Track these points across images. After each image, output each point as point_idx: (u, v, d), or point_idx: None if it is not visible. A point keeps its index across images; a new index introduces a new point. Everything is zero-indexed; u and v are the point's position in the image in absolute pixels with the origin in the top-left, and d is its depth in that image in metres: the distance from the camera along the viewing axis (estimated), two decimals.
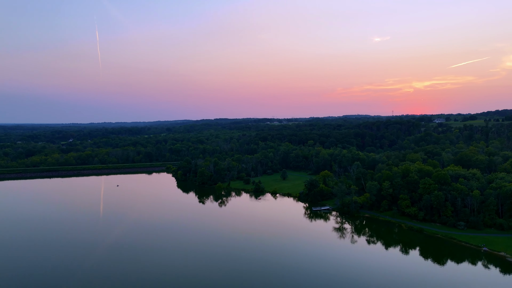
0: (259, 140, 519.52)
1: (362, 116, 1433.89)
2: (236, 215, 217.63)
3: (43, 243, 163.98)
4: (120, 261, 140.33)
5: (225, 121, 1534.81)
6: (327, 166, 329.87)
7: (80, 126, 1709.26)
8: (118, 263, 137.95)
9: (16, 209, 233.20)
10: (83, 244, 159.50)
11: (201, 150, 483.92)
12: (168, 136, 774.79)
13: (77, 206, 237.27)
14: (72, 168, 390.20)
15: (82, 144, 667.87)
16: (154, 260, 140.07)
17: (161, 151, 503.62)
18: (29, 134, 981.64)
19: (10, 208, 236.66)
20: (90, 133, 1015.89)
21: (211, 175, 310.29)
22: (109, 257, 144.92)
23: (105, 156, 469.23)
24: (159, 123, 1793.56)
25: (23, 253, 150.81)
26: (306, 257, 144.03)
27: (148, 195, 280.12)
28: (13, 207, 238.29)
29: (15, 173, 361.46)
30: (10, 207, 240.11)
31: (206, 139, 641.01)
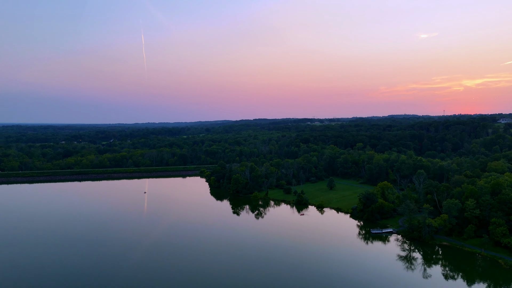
0: (300, 142, 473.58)
1: (410, 116, 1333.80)
2: (274, 230, 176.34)
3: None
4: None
5: (264, 121, 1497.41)
6: (382, 174, 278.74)
7: (124, 126, 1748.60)
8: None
9: (30, 216, 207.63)
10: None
11: (237, 153, 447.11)
12: (205, 137, 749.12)
13: (93, 217, 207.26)
14: (103, 171, 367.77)
15: (121, 144, 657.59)
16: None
17: (197, 153, 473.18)
18: (75, 134, 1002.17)
19: (18, 213, 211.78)
20: (131, 133, 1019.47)
21: (246, 182, 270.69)
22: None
23: (139, 158, 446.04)
24: (199, 124, 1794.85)
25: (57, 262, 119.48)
26: None
27: (176, 204, 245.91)
28: (26, 214, 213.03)
29: (44, 175, 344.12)
30: (21, 212, 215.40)
31: (244, 140, 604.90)
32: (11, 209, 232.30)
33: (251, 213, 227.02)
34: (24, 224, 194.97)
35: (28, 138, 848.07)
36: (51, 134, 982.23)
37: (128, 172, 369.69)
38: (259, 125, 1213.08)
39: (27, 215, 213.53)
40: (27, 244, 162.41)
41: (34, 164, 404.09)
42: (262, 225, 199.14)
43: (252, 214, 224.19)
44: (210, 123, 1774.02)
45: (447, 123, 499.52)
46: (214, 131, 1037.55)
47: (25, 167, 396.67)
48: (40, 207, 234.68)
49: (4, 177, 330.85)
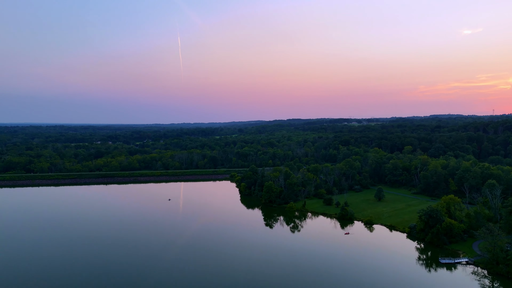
0: (339, 144, 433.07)
1: (456, 116, 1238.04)
2: (312, 248, 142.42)
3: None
4: None
5: (298, 121, 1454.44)
6: (440, 184, 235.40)
7: (160, 126, 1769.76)
8: None
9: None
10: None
11: (270, 155, 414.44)
12: (238, 137, 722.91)
13: (116, 223, 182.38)
14: (129, 173, 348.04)
15: (153, 145, 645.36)
16: None
17: (228, 154, 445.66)
18: (111, 134, 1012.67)
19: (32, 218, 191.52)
20: (165, 133, 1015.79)
21: (280, 190, 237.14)
22: None
23: (169, 160, 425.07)
24: (232, 124, 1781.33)
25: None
26: None
27: (202, 212, 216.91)
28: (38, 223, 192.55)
29: (70, 178, 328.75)
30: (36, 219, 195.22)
31: (277, 142, 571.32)
32: (36, 212, 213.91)
33: (286, 226, 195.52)
34: (42, 228, 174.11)
35: (66, 138, 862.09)
36: (89, 135, 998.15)
37: (155, 176, 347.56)
38: (293, 126, 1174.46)
39: (46, 219, 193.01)
40: (52, 248, 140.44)
41: (64, 166, 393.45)
42: (298, 241, 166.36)
43: (287, 228, 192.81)
44: (243, 124, 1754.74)
45: (506, 123, 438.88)
46: (247, 131, 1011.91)
47: (55, 168, 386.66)
48: (58, 211, 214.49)
49: (29, 179, 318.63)
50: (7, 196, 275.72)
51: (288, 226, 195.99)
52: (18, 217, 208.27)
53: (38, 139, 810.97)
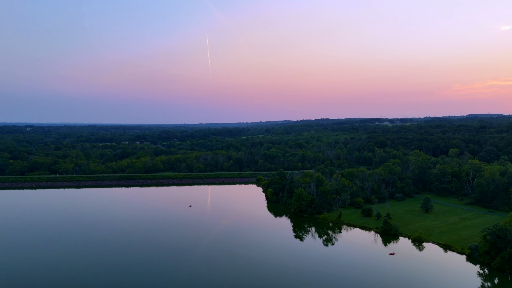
0: (375, 145, 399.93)
1: (496, 115, 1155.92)
2: (350, 271, 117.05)
3: None
4: None
5: (327, 121, 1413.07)
6: (500, 193, 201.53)
7: (187, 126, 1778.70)
8: None
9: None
10: None
11: (299, 157, 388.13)
12: (264, 138, 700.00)
13: (133, 232, 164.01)
14: (152, 176, 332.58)
15: (179, 145, 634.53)
16: None
17: (254, 156, 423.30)
18: (139, 134, 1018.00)
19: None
20: (192, 134, 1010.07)
21: (312, 199, 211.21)
22: None
23: (193, 161, 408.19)
24: (259, 124, 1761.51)
25: None
26: None
27: (225, 220, 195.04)
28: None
29: (91, 180, 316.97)
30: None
31: (306, 142, 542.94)
32: (51, 214, 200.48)
33: (318, 239, 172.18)
34: (58, 232, 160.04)
35: (96, 138, 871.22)
36: (118, 135, 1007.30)
37: (178, 178, 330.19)
38: (321, 126, 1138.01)
39: (61, 222, 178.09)
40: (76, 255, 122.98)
41: (88, 166, 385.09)
42: (332, 261, 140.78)
43: (319, 241, 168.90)
44: (270, 124, 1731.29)
45: None
46: (274, 131, 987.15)
47: (79, 169, 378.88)
48: (75, 214, 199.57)
49: (50, 180, 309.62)
50: (27, 198, 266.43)
51: (321, 239, 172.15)
52: (33, 220, 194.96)
53: (70, 139, 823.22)
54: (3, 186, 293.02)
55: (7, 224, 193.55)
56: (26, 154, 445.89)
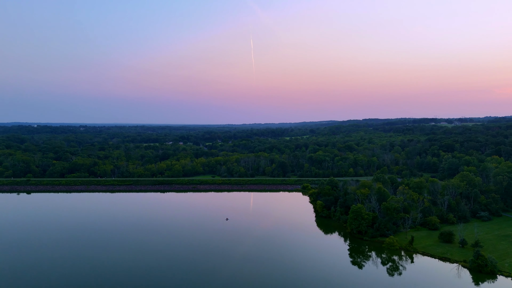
0: (440, 149, 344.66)
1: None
2: None
3: None
4: None
5: (376, 121, 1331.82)
6: None
7: (231, 127, 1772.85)
8: None
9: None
10: None
11: (351, 162, 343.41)
12: (309, 139, 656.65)
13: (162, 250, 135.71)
14: (188, 181, 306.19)
15: (222, 146, 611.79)
16: None
17: (299, 159, 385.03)
18: (183, 134, 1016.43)
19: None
20: (235, 134, 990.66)
21: (374, 216, 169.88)
22: None
23: (234, 165, 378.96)
24: (303, 124, 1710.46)
25: None
26: None
27: (269, 235, 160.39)
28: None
29: (126, 184, 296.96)
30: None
31: (356, 145, 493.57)
32: (83, 221, 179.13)
33: (382, 268, 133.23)
34: (80, 240, 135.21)
35: (142, 138, 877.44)
36: (163, 135, 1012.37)
37: (217, 184, 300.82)
38: (370, 126, 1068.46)
39: (87, 230, 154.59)
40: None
41: (127, 168, 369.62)
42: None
43: (384, 271, 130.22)
44: (314, 124, 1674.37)
45: None
46: (319, 132, 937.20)
47: (117, 171, 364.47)
48: (100, 222, 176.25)
49: (84, 184, 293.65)
50: (57, 202, 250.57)
51: (385, 268, 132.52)
52: (56, 226, 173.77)
53: (116, 139, 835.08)
54: (38, 189, 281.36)
55: (28, 228, 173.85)
56: (69, 155, 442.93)
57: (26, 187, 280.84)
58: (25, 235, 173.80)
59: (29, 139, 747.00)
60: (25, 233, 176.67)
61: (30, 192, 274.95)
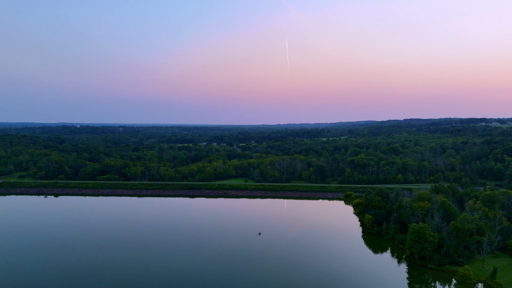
0: (504, 153, 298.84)
1: None
2: None
3: None
4: None
5: (418, 121, 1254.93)
6: None
7: (265, 127, 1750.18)
8: None
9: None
10: None
11: (399, 167, 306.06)
12: (348, 140, 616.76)
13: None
14: (219, 185, 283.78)
15: (256, 147, 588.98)
16: None
17: (338, 163, 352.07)
18: (217, 135, 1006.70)
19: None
20: (269, 135, 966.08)
21: (440, 238, 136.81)
22: None
23: (267, 168, 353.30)
24: (340, 124, 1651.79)
25: None
26: None
27: (309, 254, 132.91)
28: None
29: (153, 188, 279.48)
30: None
31: (401, 147, 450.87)
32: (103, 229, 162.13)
33: None
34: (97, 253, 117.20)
35: (177, 138, 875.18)
36: (198, 135, 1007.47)
37: (249, 190, 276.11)
38: (413, 126, 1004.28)
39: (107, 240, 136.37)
40: None
41: (157, 171, 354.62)
42: None
43: None
44: (351, 124, 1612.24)
45: None
46: (358, 133, 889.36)
47: (148, 173, 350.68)
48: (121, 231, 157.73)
49: (111, 187, 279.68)
50: (81, 206, 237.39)
51: None
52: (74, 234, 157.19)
53: (152, 139, 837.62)
54: (65, 192, 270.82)
55: (49, 232, 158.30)
56: (103, 155, 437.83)
57: (53, 190, 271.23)
58: (46, 238, 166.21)
59: (69, 139, 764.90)
60: (46, 236, 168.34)
61: (58, 195, 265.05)
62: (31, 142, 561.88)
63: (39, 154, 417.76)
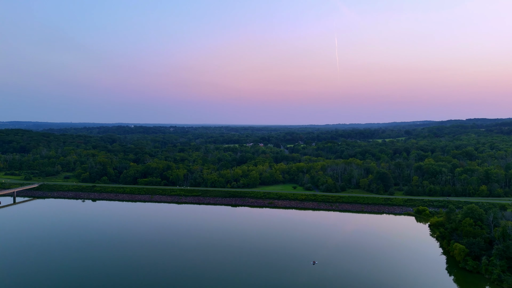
0: None
1: None
2: None
3: None
4: None
5: (484, 121, 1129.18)
6: None
7: (313, 127, 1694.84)
8: None
9: None
10: None
11: (481, 176, 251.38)
12: (408, 142, 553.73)
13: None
14: (264, 194, 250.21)
15: (304, 149, 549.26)
16: None
17: (402, 169, 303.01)
18: (265, 135, 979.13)
19: None
20: (318, 135, 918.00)
21: None
22: None
23: (319, 173, 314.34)
24: (395, 125, 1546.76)
25: None
26: None
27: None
28: None
29: (193, 195, 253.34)
30: None
31: (476, 150, 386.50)
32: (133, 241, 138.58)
33: None
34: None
35: (223, 139, 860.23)
36: (245, 136, 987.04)
37: (299, 200, 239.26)
38: (479, 127, 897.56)
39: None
40: None
41: (200, 174, 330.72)
42: None
43: None
44: (407, 124, 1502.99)
45: None
46: (417, 134, 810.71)
47: (191, 176, 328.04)
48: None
49: (148, 193, 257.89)
50: (112, 211, 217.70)
51: None
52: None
53: (200, 140, 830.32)
54: (101, 197, 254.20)
55: (77, 237, 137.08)
56: (148, 156, 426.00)
57: (90, 194, 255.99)
58: (77, 243, 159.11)
59: (121, 139, 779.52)
60: (77, 241, 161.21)
61: (96, 199, 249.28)
62: (83, 142, 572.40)
63: (86, 154, 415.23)
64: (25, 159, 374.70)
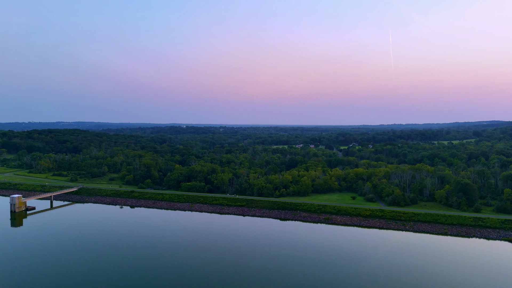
0: None
1: None
2: None
3: None
4: None
5: None
6: None
7: (367, 128, 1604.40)
8: None
9: None
10: None
11: None
12: (482, 145, 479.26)
13: None
14: (319, 207, 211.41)
15: (360, 152, 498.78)
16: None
17: (487, 179, 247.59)
18: (315, 136, 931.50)
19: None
20: (374, 136, 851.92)
21: None
22: None
23: (382, 181, 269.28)
24: (458, 125, 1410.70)
25: None
26: None
27: None
28: None
29: (237, 205, 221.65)
30: None
31: None
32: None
33: None
34: None
35: (272, 140, 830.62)
36: (294, 136, 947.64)
37: (362, 216, 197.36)
38: None
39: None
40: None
41: (246, 179, 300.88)
42: None
43: None
44: (472, 124, 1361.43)
45: None
46: (488, 135, 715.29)
47: (236, 180, 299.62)
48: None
49: (188, 201, 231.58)
50: (147, 220, 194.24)
51: None
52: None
53: (248, 140, 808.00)
54: (139, 203, 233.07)
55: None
56: (194, 158, 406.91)
57: (127, 200, 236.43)
58: (107, 251, 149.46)
59: (172, 139, 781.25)
60: (108, 250, 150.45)
61: (134, 206, 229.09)
62: (133, 142, 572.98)
63: (133, 155, 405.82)
64: (74, 159, 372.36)
